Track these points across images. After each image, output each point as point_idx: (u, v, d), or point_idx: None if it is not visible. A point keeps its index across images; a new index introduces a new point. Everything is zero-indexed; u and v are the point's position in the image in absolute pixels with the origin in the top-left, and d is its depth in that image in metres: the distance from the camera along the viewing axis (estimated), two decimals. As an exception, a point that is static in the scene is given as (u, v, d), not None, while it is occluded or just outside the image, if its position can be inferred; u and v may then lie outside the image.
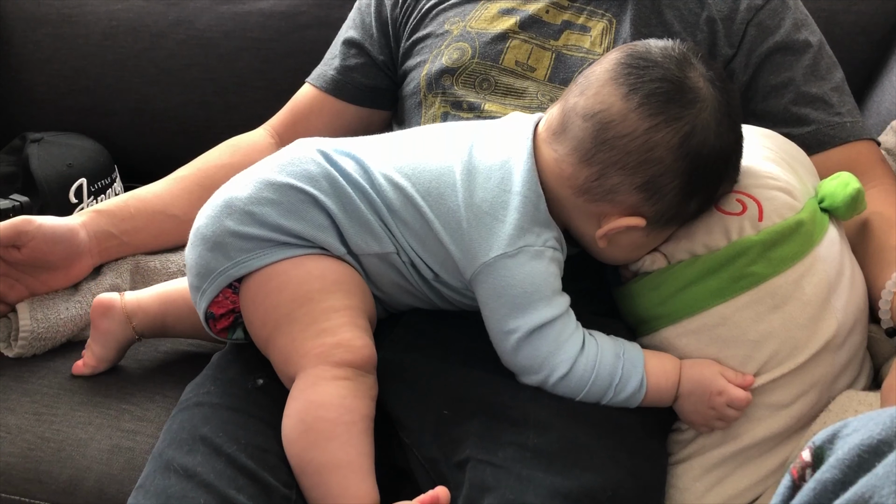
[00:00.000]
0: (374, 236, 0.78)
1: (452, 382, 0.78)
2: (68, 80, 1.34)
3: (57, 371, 0.93)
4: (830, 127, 0.95)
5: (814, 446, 0.52)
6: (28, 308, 0.94)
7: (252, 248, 0.76)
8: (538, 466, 0.70)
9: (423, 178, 0.77)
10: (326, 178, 0.78)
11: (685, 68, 0.74)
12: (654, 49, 0.76)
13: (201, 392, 0.80)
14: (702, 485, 0.78)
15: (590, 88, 0.75)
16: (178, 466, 0.71)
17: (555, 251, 0.76)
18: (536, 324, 0.74)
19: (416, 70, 1.04)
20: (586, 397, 0.76)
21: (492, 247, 0.74)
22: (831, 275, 0.78)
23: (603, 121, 0.73)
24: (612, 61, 0.76)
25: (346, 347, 0.73)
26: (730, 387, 0.76)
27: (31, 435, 0.87)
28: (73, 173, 1.21)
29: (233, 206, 0.77)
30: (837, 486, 0.49)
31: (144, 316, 0.90)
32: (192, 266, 0.79)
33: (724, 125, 0.75)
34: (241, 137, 1.12)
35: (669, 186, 0.74)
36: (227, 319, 0.81)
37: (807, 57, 0.97)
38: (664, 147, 0.73)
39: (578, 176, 0.75)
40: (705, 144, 0.74)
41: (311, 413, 0.72)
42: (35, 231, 0.90)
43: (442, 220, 0.76)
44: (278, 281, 0.76)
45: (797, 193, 0.80)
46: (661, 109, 0.73)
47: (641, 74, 0.74)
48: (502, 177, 0.76)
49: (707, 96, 0.74)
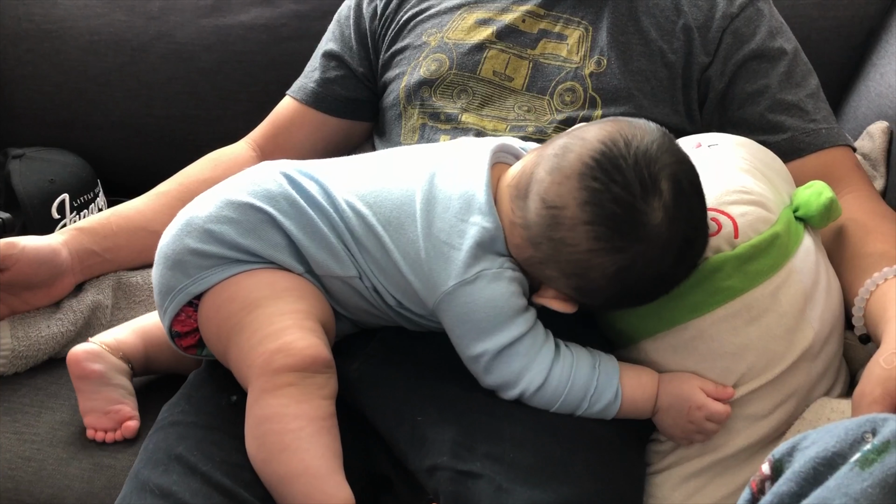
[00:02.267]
0: (337, 259, 0.78)
1: (428, 395, 0.78)
2: (50, 95, 1.34)
3: (38, 389, 0.93)
4: (806, 134, 0.96)
5: (773, 459, 0.53)
6: (9, 326, 0.94)
7: (210, 266, 0.77)
8: (516, 479, 0.70)
9: (385, 207, 0.77)
10: (286, 199, 0.78)
11: (649, 196, 0.70)
12: (631, 155, 0.71)
13: (176, 411, 0.80)
14: (679, 494, 0.78)
15: (559, 172, 0.72)
16: (154, 486, 0.72)
17: (513, 272, 0.76)
18: (503, 344, 0.74)
19: (395, 82, 1.05)
20: (561, 408, 0.76)
21: (450, 275, 0.74)
22: (807, 285, 0.79)
23: (555, 219, 0.72)
24: (589, 150, 0.72)
25: (286, 352, 0.73)
26: (709, 401, 0.76)
27: (11, 454, 0.87)
28: (56, 189, 1.21)
29: (192, 224, 0.78)
30: (794, 499, 0.50)
31: (127, 351, 0.88)
32: (156, 285, 0.80)
33: (668, 260, 0.72)
34: (223, 151, 1.12)
35: (599, 297, 0.75)
36: (193, 338, 0.81)
37: (782, 64, 0.98)
38: (599, 271, 0.72)
39: (525, 251, 0.75)
40: (641, 277, 0.73)
41: (261, 427, 0.72)
42: (19, 254, 0.90)
43: (401, 250, 0.76)
44: (230, 291, 0.76)
45: (771, 205, 0.80)
46: (606, 236, 0.71)
47: (605, 185, 0.70)
48: (460, 207, 0.76)
49: (658, 233, 0.71)
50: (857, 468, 0.50)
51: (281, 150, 1.11)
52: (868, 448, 0.51)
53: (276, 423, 0.71)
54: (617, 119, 0.76)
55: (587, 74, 0.97)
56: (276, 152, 1.10)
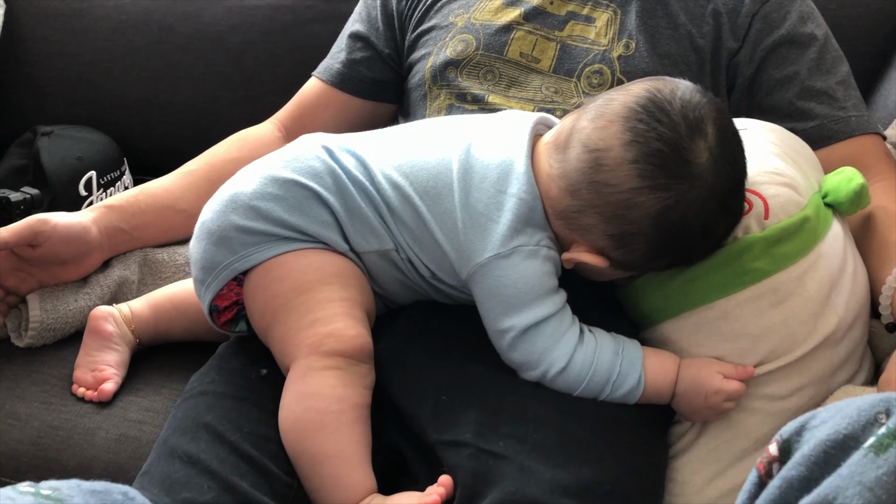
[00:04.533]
0: (374, 233, 0.78)
1: (452, 373, 0.78)
2: (78, 73, 1.35)
3: (66, 361, 0.94)
4: (835, 121, 0.95)
5: (781, 439, 0.51)
6: (38, 299, 0.95)
7: (256, 243, 0.77)
8: (538, 459, 0.71)
9: (421, 177, 0.78)
10: (330, 175, 0.78)
11: (695, 136, 0.71)
12: (677, 100, 0.72)
13: (205, 381, 0.81)
14: (700, 478, 0.78)
15: (602, 118, 0.73)
16: (182, 453, 0.73)
17: (549, 250, 0.76)
18: (530, 322, 0.75)
19: (421, 62, 1.04)
20: (584, 392, 0.76)
21: (486, 247, 0.75)
22: (834, 271, 0.78)
23: (598, 161, 0.72)
24: (634, 97, 0.73)
25: (337, 337, 0.74)
26: (725, 383, 0.76)
27: (39, 423, 0.88)
28: (83, 166, 1.22)
29: (238, 200, 0.78)
30: (803, 484, 0.48)
31: (139, 322, 0.92)
32: (196, 260, 0.80)
33: (712, 205, 0.72)
34: (249, 131, 1.12)
35: (638, 246, 0.74)
36: (231, 312, 0.82)
37: (812, 50, 0.97)
38: (642, 212, 0.72)
39: (562, 202, 0.75)
40: (684, 220, 0.72)
41: (302, 404, 0.73)
42: (50, 231, 0.91)
43: (438, 220, 0.77)
44: (279, 272, 0.77)
45: (801, 189, 0.80)
46: (651, 174, 0.71)
47: (651, 126, 0.71)
48: (498, 177, 0.76)
49: (703, 174, 0.71)
50: (871, 454, 0.48)
51: (306, 130, 1.09)
52: (883, 432, 0.49)
53: (320, 401, 0.72)
54: (658, 77, 0.77)
55: (615, 57, 0.97)
56: (301, 133, 1.08)
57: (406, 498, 0.70)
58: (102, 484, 0.57)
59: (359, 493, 0.71)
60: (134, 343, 0.92)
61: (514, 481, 0.69)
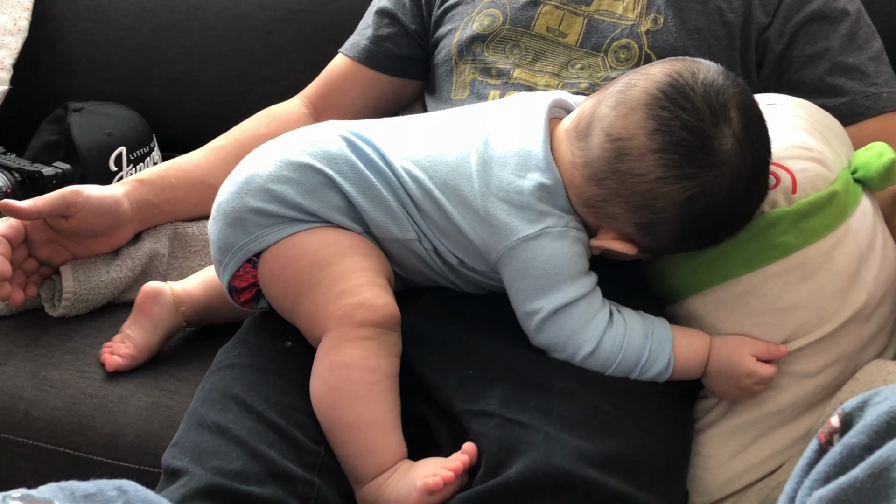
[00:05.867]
0: (396, 222, 0.78)
1: (478, 349, 0.79)
2: (107, 50, 1.36)
3: (99, 331, 0.96)
4: (866, 98, 0.94)
5: (843, 412, 0.52)
6: (71, 271, 0.97)
7: (270, 224, 0.78)
8: (564, 431, 0.71)
9: (441, 171, 0.78)
10: (346, 162, 0.79)
11: (719, 122, 0.70)
12: (699, 84, 0.71)
13: (232, 354, 0.82)
14: (725, 452, 0.79)
15: (624, 105, 0.72)
16: (211, 423, 0.74)
17: (578, 231, 0.76)
18: (559, 304, 0.75)
19: (447, 38, 1.04)
20: (613, 374, 0.76)
21: (512, 231, 0.75)
22: (863, 246, 0.78)
23: (622, 150, 0.72)
24: (655, 83, 0.72)
25: (368, 307, 0.74)
26: (758, 366, 0.76)
27: (74, 390, 0.90)
28: (113, 142, 1.23)
29: (253, 183, 0.79)
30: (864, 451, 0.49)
31: (192, 303, 0.93)
32: (214, 241, 0.81)
33: (739, 190, 0.72)
34: (276, 108, 1.13)
35: (665, 232, 0.74)
36: (250, 292, 0.82)
37: (844, 26, 0.95)
38: (668, 200, 0.71)
39: (586, 190, 0.74)
40: (711, 207, 0.72)
41: (336, 374, 0.74)
42: (83, 202, 0.93)
43: (460, 211, 0.77)
44: (296, 249, 0.77)
45: (830, 164, 0.79)
46: (676, 163, 0.70)
47: (674, 114, 0.70)
48: (517, 163, 0.76)
49: (729, 160, 0.71)
50: None
51: (333, 107, 1.12)
52: None
53: (355, 371, 0.73)
54: (678, 58, 0.76)
55: (643, 32, 0.96)
56: (328, 110, 1.11)
57: (432, 462, 0.71)
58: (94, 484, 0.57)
59: (392, 459, 0.72)
60: (180, 325, 0.93)
61: (540, 450, 0.69)
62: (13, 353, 0.94)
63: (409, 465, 0.72)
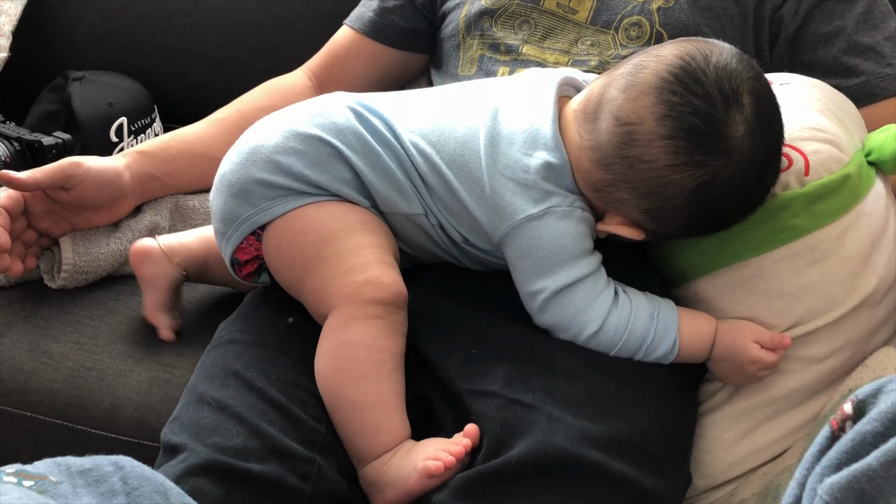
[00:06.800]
0: (404, 196, 0.77)
1: (482, 327, 0.78)
2: (109, 19, 1.34)
3: (98, 303, 0.95)
4: (881, 79, 0.92)
5: (856, 399, 0.52)
6: (70, 242, 0.96)
7: (275, 196, 0.77)
8: (567, 411, 0.71)
9: (448, 146, 0.77)
10: (354, 134, 0.77)
11: (731, 108, 0.69)
12: (711, 68, 0.70)
13: (233, 330, 0.81)
14: (730, 435, 0.78)
15: (634, 88, 0.71)
16: (211, 399, 0.73)
17: (583, 211, 0.75)
18: (563, 284, 0.74)
19: (454, 11, 1.03)
20: (618, 354, 0.76)
21: (517, 210, 0.74)
22: (875, 230, 0.77)
23: (631, 135, 0.70)
24: (666, 65, 0.70)
25: (376, 285, 0.74)
26: (762, 354, 0.75)
27: (73, 363, 0.90)
28: (114, 112, 1.22)
29: (259, 153, 0.78)
30: (877, 438, 0.49)
31: (187, 253, 0.91)
32: (216, 212, 0.80)
33: (749, 177, 0.71)
34: (280, 79, 1.11)
35: (673, 219, 0.73)
36: (253, 265, 0.81)
37: (860, 4, 0.94)
38: (678, 188, 0.70)
39: (593, 174, 0.73)
40: (721, 194, 0.71)
41: (343, 352, 0.73)
42: (84, 174, 0.92)
43: (467, 187, 0.76)
44: (302, 224, 0.76)
45: (844, 146, 0.78)
46: (686, 150, 0.69)
47: (685, 99, 0.69)
48: (524, 141, 0.75)
49: (740, 147, 0.69)
50: None
51: (337, 80, 1.10)
52: None
53: (362, 350, 0.72)
54: (690, 38, 0.74)
55: (654, 9, 0.94)
56: (332, 82, 1.10)
57: (434, 443, 0.71)
58: (90, 460, 0.57)
59: (396, 439, 0.72)
60: (180, 276, 0.90)
61: (542, 431, 0.69)
62: (12, 324, 0.94)
63: (412, 446, 0.72)
